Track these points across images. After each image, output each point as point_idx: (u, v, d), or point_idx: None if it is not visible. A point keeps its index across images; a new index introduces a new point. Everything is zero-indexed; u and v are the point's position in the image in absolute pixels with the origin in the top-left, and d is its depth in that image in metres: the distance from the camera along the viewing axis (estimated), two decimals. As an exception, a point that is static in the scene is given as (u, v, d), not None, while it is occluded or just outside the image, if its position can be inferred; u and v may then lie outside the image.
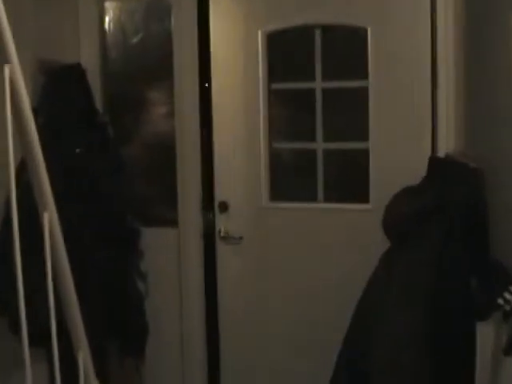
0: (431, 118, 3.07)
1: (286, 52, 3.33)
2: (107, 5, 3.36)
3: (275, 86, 3.30)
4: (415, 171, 2.85)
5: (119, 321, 2.88)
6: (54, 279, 1.62)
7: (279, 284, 3.31)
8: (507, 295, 2.11)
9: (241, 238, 3.30)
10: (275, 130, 3.33)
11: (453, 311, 2.46)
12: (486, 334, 2.35)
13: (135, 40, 3.36)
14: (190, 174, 3.30)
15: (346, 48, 3.28)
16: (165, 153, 3.36)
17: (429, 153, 3.03)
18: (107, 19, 3.37)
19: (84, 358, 1.81)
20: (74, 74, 3.01)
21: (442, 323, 2.48)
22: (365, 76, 3.15)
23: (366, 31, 3.16)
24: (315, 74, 3.24)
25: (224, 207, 3.29)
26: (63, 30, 3.23)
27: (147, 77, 3.41)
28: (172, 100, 3.28)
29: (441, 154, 2.99)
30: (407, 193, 2.76)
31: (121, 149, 3.20)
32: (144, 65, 3.39)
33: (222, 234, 3.30)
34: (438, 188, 2.67)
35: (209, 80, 3.29)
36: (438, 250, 2.59)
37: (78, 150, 2.85)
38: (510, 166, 2.44)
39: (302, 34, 3.26)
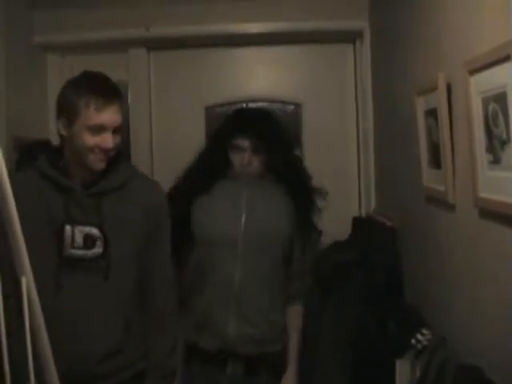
0: (357, 182, 3.45)
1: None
2: (72, 88, 3.58)
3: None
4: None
5: None
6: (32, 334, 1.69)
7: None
8: (419, 336, 2.22)
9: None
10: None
11: (374, 350, 2.62)
12: (403, 369, 2.39)
13: (96, 117, 3.56)
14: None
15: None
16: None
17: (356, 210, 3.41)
18: (72, 100, 3.56)
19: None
20: (44, 148, 2.91)
21: (366, 361, 2.68)
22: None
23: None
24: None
25: None
26: (34, 110, 3.40)
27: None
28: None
29: (363, 213, 3.30)
30: (334, 248, 3.01)
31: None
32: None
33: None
34: (360, 244, 2.90)
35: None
36: (361, 298, 2.76)
37: None
38: (413, 222, 2.68)
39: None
